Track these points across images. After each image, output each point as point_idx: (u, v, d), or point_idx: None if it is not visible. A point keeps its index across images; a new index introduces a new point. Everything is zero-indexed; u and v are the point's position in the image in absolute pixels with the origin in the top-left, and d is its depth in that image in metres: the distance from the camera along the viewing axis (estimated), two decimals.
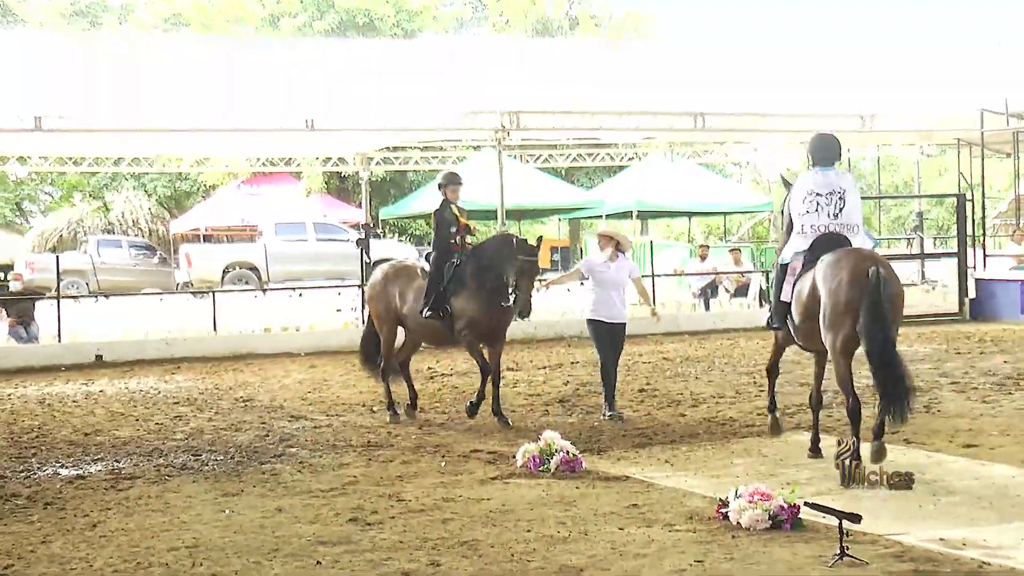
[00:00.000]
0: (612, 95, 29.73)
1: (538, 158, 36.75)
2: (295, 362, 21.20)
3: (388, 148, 35.77)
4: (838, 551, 7.46)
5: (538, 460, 10.54)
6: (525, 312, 13.38)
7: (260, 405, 15.72)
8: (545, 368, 18.94)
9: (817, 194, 10.69)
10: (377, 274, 14.58)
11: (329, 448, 12.22)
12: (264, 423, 14.07)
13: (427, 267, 13.95)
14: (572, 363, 19.39)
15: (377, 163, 36.07)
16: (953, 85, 31.33)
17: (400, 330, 14.42)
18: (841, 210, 10.67)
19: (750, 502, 8.32)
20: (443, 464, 11.15)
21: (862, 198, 11.37)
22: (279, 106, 26.38)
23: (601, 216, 39.01)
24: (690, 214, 43.36)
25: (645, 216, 42.14)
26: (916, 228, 37.51)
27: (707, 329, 24.99)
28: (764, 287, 27.07)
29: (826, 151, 10.88)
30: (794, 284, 10.64)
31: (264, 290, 27.76)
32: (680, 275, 30.02)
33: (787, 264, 10.88)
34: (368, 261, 28.29)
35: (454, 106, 27.60)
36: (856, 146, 37.49)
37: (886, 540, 7.93)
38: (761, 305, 26.20)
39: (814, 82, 31.25)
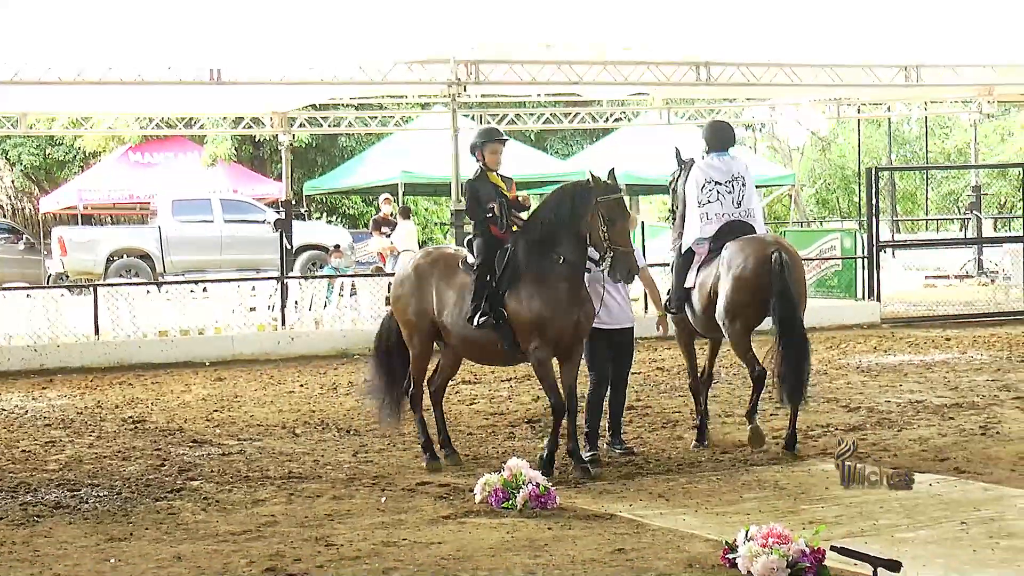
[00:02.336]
0: (595, 40, 29.77)
1: (502, 119, 36.85)
2: (198, 374, 21.18)
3: (313, 106, 35.82)
4: None
5: (502, 495, 10.59)
6: (633, 274, 12.12)
7: (154, 427, 15.70)
8: (510, 381, 18.99)
9: (716, 182, 13.25)
10: (406, 265, 13.45)
11: (241, 481, 12.23)
12: (159, 450, 14.06)
13: (471, 258, 12.66)
14: None
15: (300, 125, 36.10)
16: (1020, 26, 31.53)
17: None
18: (744, 196, 13.27)
19: (764, 546, 8.39)
20: (383, 500, 11.18)
21: (906, 168, 13.02)
22: (176, 52, 26.28)
23: None
24: None
25: (635, 191, 42.28)
26: (972, 206, 37.79)
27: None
28: None
29: (721, 137, 13.47)
30: (698, 271, 13.28)
31: (159, 284, 27.67)
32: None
33: (689, 250, 13.47)
34: (289, 248, 28.36)
35: (397, 53, 27.59)
36: (899, 104, 37.72)
37: None
38: None
39: (846, 25, 31.38)
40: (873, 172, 28.42)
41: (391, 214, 31.92)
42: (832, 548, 8.31)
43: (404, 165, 36.69)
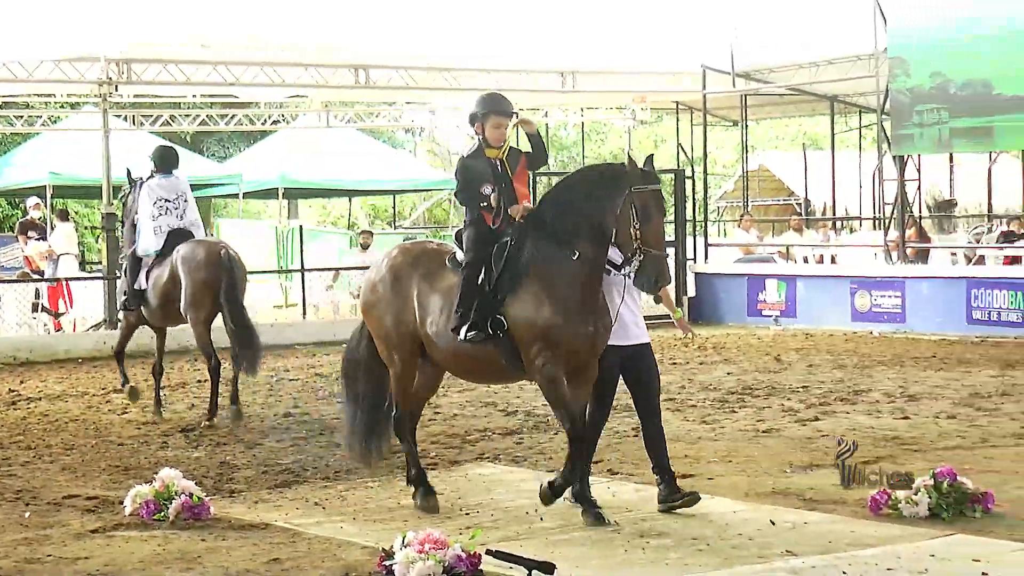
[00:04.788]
0: (250, 40, 29.58)
1: (156, 120, 36.20)
2: None
3: None
4: None
5: (153, 506, 10.41)
6: (662, 280, 9.99)
7: None
8: (164, 389, 18.68)
9: (165, 199, 16.18)
10: (382, 264, 11.20)
11: None
12: None
13: (460, 254, 10.68)
14: (199, 382, 19.23)
15: None
16: (671, 36, 32.59)
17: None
18: (185, 211, 16.29)
19: (420, 552, 8.46)
20: (27, 515, 10.88)
21: (560, 172, 14.00)
22: None
23: (238, 195, 38.83)
24: (350, 193, 43.65)
25: (293, 195, 42.16)
26: None
27: None
28: None
29: (167, 161, 16.45)
30: (148, 274, 16.08)
31: None
32: (338, 270, 30.20)
33: (139, 257, 16.24)
34: None
35: (44, 50, 26.88)
36: (556, 110, 38.50)
37: None
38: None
39: (505, 30, 31.96)
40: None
41: (40, 219, 31.07)
42: (488, 552, 8.44)
43: (52, 166, 35.66)
